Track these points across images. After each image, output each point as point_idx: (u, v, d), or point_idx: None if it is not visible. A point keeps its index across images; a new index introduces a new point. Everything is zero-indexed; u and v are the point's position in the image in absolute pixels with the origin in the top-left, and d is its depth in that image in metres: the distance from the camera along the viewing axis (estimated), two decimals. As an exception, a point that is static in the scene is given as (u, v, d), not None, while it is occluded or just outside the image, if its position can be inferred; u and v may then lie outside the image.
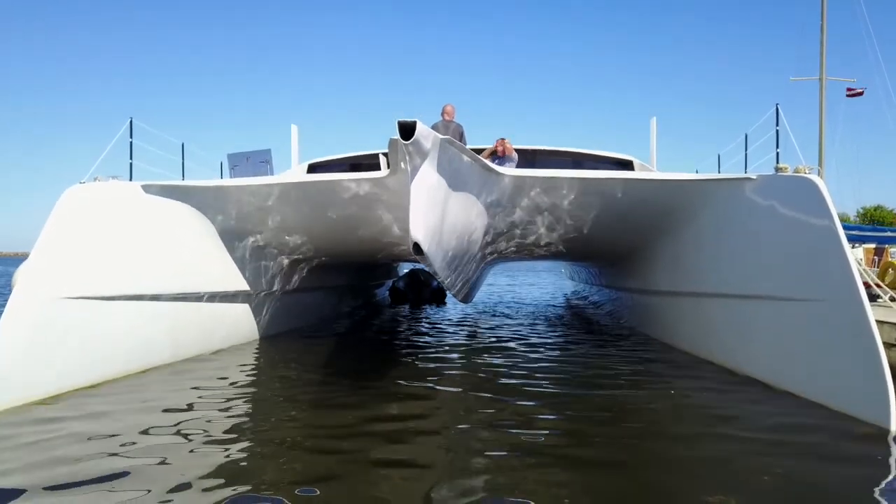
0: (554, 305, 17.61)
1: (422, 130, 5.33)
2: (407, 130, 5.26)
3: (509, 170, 7.92)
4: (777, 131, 7.90)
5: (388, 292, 18.73)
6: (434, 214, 5.94)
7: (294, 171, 12.54)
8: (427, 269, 6.64)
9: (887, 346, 7.51)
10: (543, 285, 24.74)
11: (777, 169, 6.91)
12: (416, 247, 5.62)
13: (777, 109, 7.94)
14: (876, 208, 76.50)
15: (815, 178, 6.28)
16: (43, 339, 6.11)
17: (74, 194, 6.76)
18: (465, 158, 6.42)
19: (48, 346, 6.14)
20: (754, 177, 7.09)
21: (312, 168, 12.70)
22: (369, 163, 12.89)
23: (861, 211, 75.81)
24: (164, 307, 7.67)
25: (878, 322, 7.44)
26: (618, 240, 10.11)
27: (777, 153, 7.87)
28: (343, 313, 14.49)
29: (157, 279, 7.54)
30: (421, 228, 5.58)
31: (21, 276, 6.35)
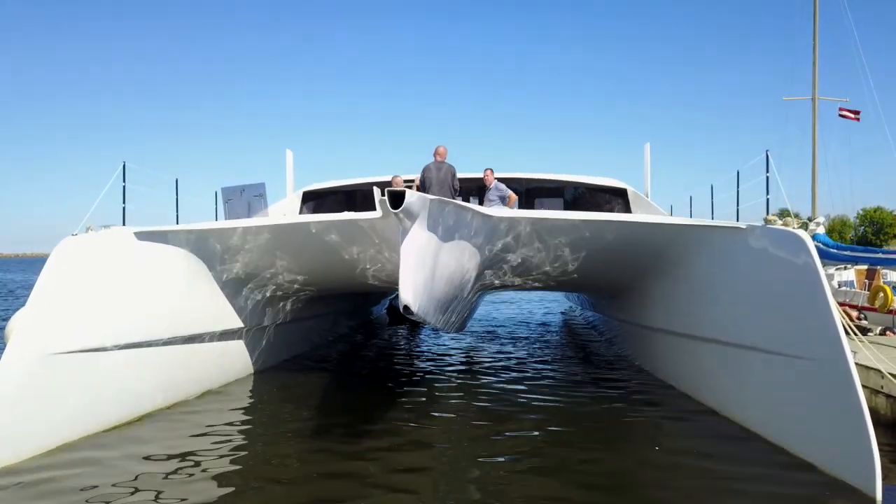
0: (548, 330, 17.66)
1: (411, 198, 5.45)
2: (397, 199, 5.39)
3: (498, 211, 7.99)
4: (767, 178, 7.93)
5: (385, 311, 18.72)
6: (425, 272, 6.07)
7: (289, 200, 12.62)
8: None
9: (873, 392, 7.58)
10: (538, 304, 24.72)
11: (766, 220, 6.93)
12: (406, 308, 5.75)
13: (767, 156, 7.97)
14: (876, 209, 76.59)
15: (801, 233, 6.30)
16: (36, 396, 6.16)
17: (67, 247, 6.81)
18: (455, 210, 6.51)
19: (42, 402, 6.20)
20: (743, 226, 7.12)
21: (307, 196, 12.77)
22: (364, 191, 12.97)
23: (861, 212, 75.92)
24: (158, 352, 7.73)
25: (864, 368, 7.50)
26: (610, 276, 10.16)
27: (767, 199, 7.91)
28: (340, 336, 14.54)
29: (151, 325, 7.59)
30: (411, 291, 5.70)
31: (14, 330, 6.40)
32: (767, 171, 7.93)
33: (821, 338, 5.74)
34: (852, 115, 21.62)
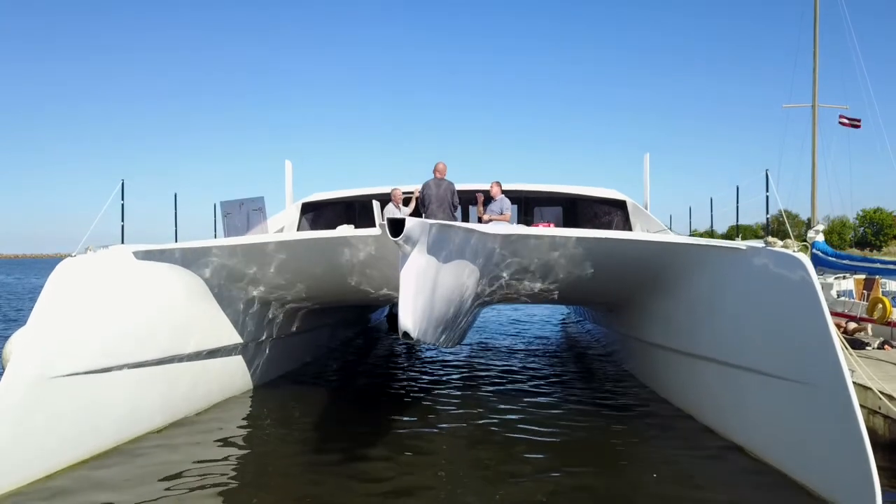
0: (548, 342, 17.63)
1: (410, 224, 5.47)
2: (396, 226, 5.42)
3: (497, 228, 7.99)
4: (767, 197, 7.91)
5: (385, 318, 18.68)
6: (424, 295, 6.10)
7: (288, 211, 12.62)
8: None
9: (871, 412, 7.58)
10: (538, 315, 24.69)
11: (766, 242, 6.90)
12: (406, 335, 5.76)
13: (766, 175, 7.95)
14: (876, 210, 76.66)
15: (801, 256, 6.28)
16: (35, 420, 6.17)
17: (65, 269, 6.80)
18: (455, 231, 6.52)
19: (41, 426, 6.21)
20: (744, 247, 7.09)
21: (306, 207, 12.77)
22: (363, 202, 12.99)
23: (861, 213, 75.98)
24: (158, 371, 7.73)
25: (861, 387, 7.49)
26: (609, 291, 10.15)
27: (767, 219, 7.87)
28: (339, 346, 14.53)
29: (150, 344, 7.59)
30: (410, 317, 5.72)
31: (12, 354, 6.39)
32: (767, 191, 7.90)
33: (820, 364, 5.72)
34: (851, 123, 21.56)
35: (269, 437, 7.68)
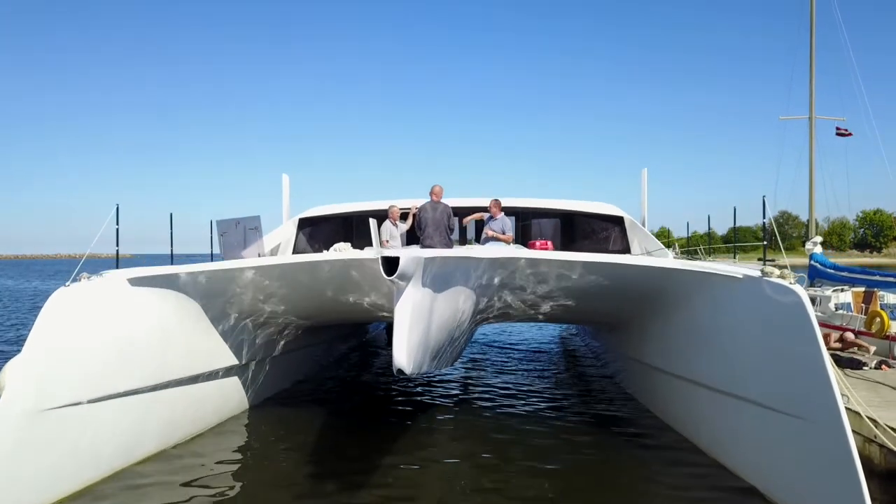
0: (547, 360, 17.58)
1: (405, 262, 5.49)
2: (391, 265, 5.44)
3: (492, 251, 7.98)
4: (764, 224, 7.88)
5: (383, 329, 18.58)
6: (420, 329, 6.11)
7: (285, 227, 12.60)
8: None
9: (866, 440, 7.54)
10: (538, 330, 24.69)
11: (763, 272, 6.86)
12: (400, 371, 5.77)
13: (763, 202, 7.93)
14: (875, 212, 76.72)
15: (797, 288, 6.24)
16: (29, 453, 6.15)
17: (60, 298, 6.77)
18: (449, 261, 6.52)
19: (35, 458, 6.19)
20: (740, 276, 7.06)
21: (303, 223, 12.76)
22: (360, 217, 12.97)
23: (861, 215, 76.05)
24: (153, 397, 7.71)
25: (856, 414, 7.45)
26: (606, 312, 10.15)
27: (764, 244, 7.85)
28: (336, 361, 14.51)
29: (145, 371, 7.58)
30: (405, 354, 5.72)
31: (6, 386, 6.37)
32: (764, 217, 7.88)
33: (816, 398, 5.69)
34: (847, 133, 21.65)
35: (264, 463, 7.65)
